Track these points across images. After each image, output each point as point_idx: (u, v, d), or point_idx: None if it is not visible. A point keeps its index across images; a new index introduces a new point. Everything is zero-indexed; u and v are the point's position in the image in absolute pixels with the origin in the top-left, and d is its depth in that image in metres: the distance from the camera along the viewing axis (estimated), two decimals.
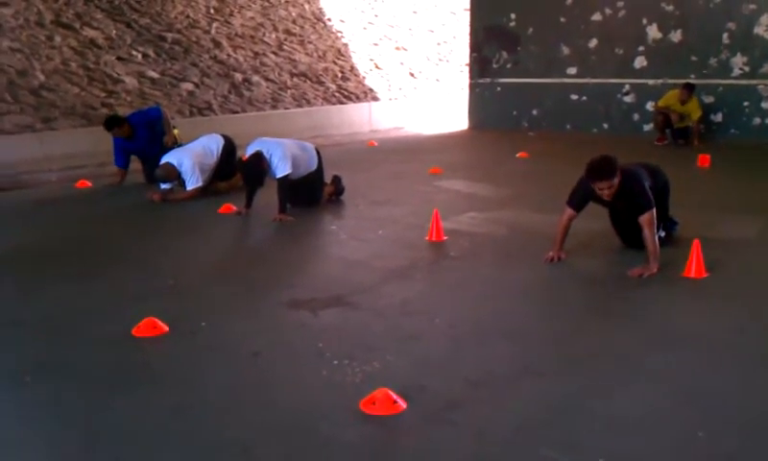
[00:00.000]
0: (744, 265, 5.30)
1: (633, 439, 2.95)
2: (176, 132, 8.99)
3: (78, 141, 10.47)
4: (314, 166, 7.38)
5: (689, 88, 11.36)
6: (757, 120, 11.84)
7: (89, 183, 8.86)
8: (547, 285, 5.09)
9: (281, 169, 6.90)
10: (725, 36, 11.99)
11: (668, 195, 5.60)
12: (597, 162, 5.09)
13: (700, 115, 11.45)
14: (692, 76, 12.16)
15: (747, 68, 11.87)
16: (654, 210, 5.06)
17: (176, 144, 8.68)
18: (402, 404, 3.20)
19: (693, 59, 12.28)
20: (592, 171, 5.09)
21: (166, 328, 4.14)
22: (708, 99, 12.11)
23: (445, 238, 6.06)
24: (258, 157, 6.89)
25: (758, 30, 11.69)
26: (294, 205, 7.11)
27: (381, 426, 3.08)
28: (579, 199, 5.29)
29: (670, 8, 12.48)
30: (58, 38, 12.17)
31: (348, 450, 2.92)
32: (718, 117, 12.16)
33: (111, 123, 8.72)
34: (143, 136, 8.71)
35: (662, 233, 5.45)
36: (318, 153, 7.51)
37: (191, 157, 7.83)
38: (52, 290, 5.05)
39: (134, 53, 12.90)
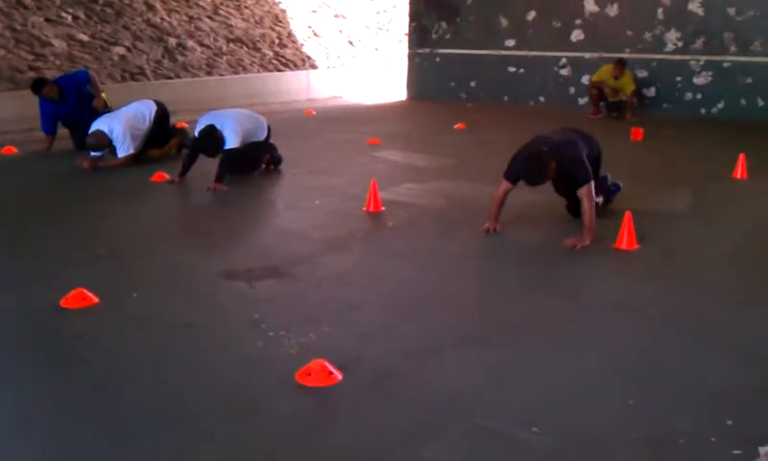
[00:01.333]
0: (674, 237, 5.41)
1: (567, 407, 3.00)
2: (103, 95, 8.73)
3: (3, 106, 10.07)
4: (261, 137, 7.28)
5: (622, 64, 11.57)
6: (689, 95, 12.10)
7: (15, 150, 8.54)
8: (484, 256, 5.12)
9: (230, 142, 6.81)
10: (660, 11, 12.18)
11: (600, 163, 5.69)
12: (528, 163, 5.08)
13: (633, 89, 11.66)
14: (627, 50, 12.35)
15: (680, 44, 12.09)
16: (592, 183, 5.12)
17: (106, 108, 8.44)
18: (338, 375, 3.18)
19: (628, 33, 12.46)
20: (530, 175, 5.11)
21: (96, 299, 4.03)
22: (642, 73, 12.32)
23: (383, 209, 6.04)
24: (212, 130, 6.80)
25: (692, 6, 11.89)
26: (231, 172, 6.99)
27: (317, 398, 3.06)
28: (515, 172, 5.31)
29: None
30: None
31: (284, 422, 2.89)
32: (651, 92, 12.39)
33: (39, 84, 8.42)
34: (72, 100, 8.43)
35: (600, 199, 5.54)
36: (268, 126, 7.42)
37: (122, 123, 7.61)
38: None
39: (64, 15, 12.44)
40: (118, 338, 3.67)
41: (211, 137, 6.80)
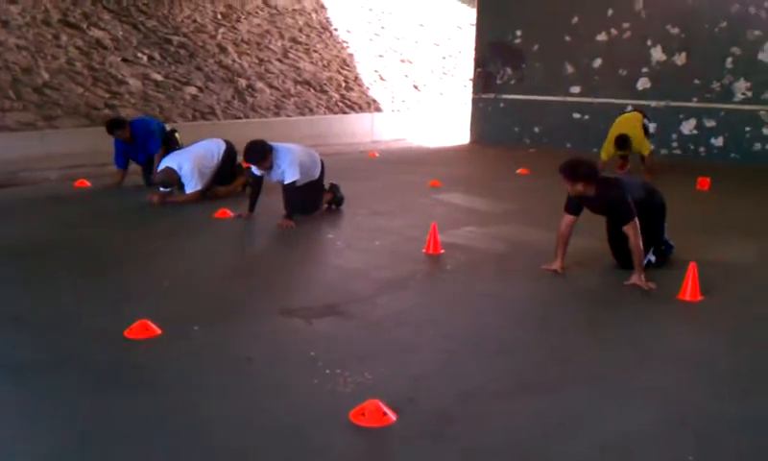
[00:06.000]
0: (739, 289, 5.29)
1: (623, 460, 2.94)
2: (177, 135, 9.01)
3: (79, 141, 10.46)
4: (316, 174, 7.40)
5: (621, 143, 9.91)
6: (758, 145, 11.85)
7: (89, 183, 8.85)
8: (542, 302, 5.08)
9: (290, 175, 6.92)
10: (728, 60, 12.02)
11: (664, 218, 5.61)
12: (570, 161, 5.44)
13: (649, 149, 10.21)
14: (694, 99, 12.20)
15: (749, 94, 11.89)
16: (636, 220, 5.14)
17: (177, 146, 8.69)
18: (392, 417, 3.19)
19: (696, 82, 12.31)
20: (563, 166, 5.43)
21: (159, 331, 4.13)
22: (710, 123, 12.13)
23: (443, 251, 6.05)
24: (259, 142, 6.95)
25: (762, 56, 11.71)
26: (294, 212, 7.10)
27: (370, 438, 3.07)
28: (574, 203, 5.43)
29: (675, 31, 12.52)
30: (64, 38, 12.19)
31: (336, 460, 2.91)
32: (719, 141, 12.17)
33: (113, 125, 8.71)
34: (140, 146, 8.71)
35: (652, 258, 5.47)
36: (321, 162, 7.54)
37: (191, 161, 7.83)
38: (47, 288, 5.04)
39: (140, 55, 12.92)
40: (178, 369, 3.75)
41: (257, 147, 6.91)
